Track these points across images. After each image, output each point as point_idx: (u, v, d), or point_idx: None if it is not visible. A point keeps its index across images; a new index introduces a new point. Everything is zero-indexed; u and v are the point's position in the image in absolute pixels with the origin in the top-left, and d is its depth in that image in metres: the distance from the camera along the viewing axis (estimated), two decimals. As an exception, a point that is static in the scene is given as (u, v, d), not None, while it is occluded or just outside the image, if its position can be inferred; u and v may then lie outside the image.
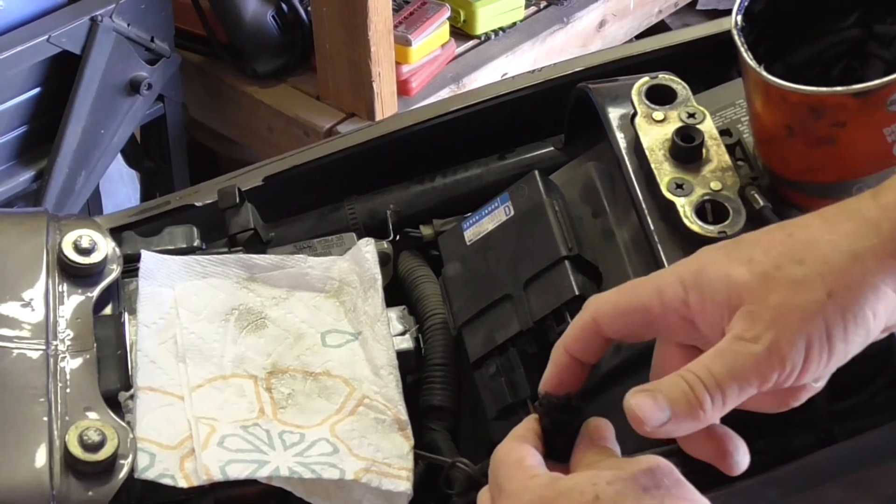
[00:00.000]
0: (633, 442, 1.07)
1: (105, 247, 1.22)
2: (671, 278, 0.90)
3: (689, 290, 0.88)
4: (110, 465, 1.07)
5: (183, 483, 1.09)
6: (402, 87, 2.41)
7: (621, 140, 1.21)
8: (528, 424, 0.95)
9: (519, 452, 0.92)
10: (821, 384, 0.89)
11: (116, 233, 1.30)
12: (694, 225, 1.11)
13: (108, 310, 1.23)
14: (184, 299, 1.24)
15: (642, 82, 1.22)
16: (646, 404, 0.85)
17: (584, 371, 0.95)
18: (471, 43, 2.55)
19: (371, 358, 1.22)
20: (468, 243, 1.27)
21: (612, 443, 0.93)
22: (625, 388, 1.08)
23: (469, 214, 1.30)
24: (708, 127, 1.18)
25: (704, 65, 1.40)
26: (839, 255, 0.85)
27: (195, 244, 1.32)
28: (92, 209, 2.34)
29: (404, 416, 1.18)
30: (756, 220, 1.11)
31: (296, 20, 2.41)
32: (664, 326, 0.90)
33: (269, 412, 1.17)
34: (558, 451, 0.93)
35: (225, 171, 1.46)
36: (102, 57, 2.14)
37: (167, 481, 1.08)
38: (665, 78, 1.23)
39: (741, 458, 0.90)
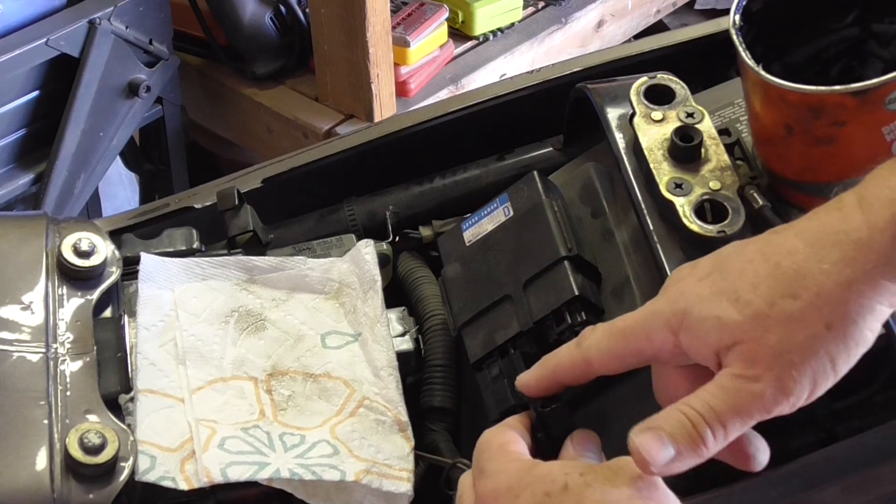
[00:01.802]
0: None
1: (104, 249, 1.22)
2: (657, 322, 0.90)
3: (679, 332, 0.88)
4: (111, 467, 1.07)
5: (184, 485, 1.09)
6: (401, 89, 2.41)
7: (620, 140, 1.21)
8: (520, 417, 0.96)
9: (503, 437, 0.93)
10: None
11: (116, 235, 1.29)
12: (693, 224, 1.11)
13: (107, 312, 1.23)
14: (183, 301, 1.24)
15: (641, 82, 1.22)
16: (651, 444, 0.84)
17: (562, 388, 0.97)
18: (469, 44, 2.55)
19: (371, 359, 1.22)
20: (468, 244, 1.27)
21: (595, 454, 0.93)
22: (619, 392, 1.09)
23: (468, 215, 1.30)
24: (707, 126, 1.18)
25: (703, 64, 1.40)
26: (832, 285, 0.84)
27: (194, 246, 1.32)
28: (91, 212, 2.34)
29: (405, 417, 1.18)
30: (755, 220, 1.11)
31: (294, 22, 2.41)
32: (659, 360, 0.92)
33: (269, 414, 1.17)
34: (544, 450, 0.94)
35: (224, 173, 1.46)
36: (101, 60, 2.13)
37: (168, 484, 1.08)
38: (663, 78, 1.23)
39: (762, 456, 0.90)
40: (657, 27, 2.90)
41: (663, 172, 1.15)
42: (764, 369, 0.84)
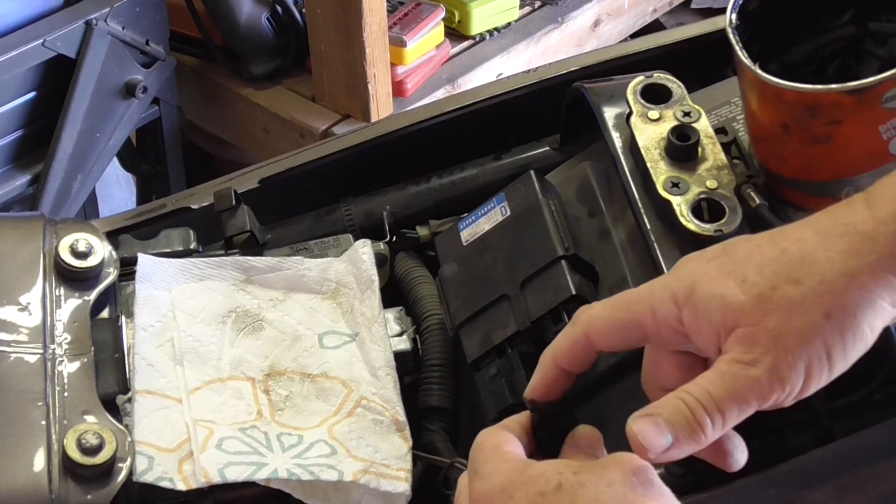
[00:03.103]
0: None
1: (102, 250, 1.22)
2: (663, 295, 0.89)
3: (683, 307, 0.88)
4: (109, 468, 1.07)
5: (181, 486, 1.09)
6: (398, 88, 2.41)
7: (617, 139, 1.21)
8: (518, 417, 0.95)
9: (498, 438, 0.92)
10: None
11: (113, 236, 1.29)
12: (690, 224, 1.11)
13: (105, 313, 1.23)
14: (181, 302, 1.24)
15: (637, 81, 1.22)
16: (649, 431, 0.84)
17: (571, 379, 0.96)
18: (466, 43, 2.55)
19: (369, 359, 1.22)
20: (465, 244, 1.27)
21: (599, 451, 0.93)
22: (622, 387, 1.09)
23: (465, 215, 1.30)
24: (703, 125, 1.18)
25: (699, 63, 1.40)
26: (835, 274, 0.84)
27: (192, 247, 1.32)
28: (88, 213, 2.34)
29: (402, 416, 1.18)
30: (752, 219, 1.11)
31: (291, 22, 2.41)
32: (658, 339, 0.91)
33: (266, 414, 1.17)
34: (546, 448, 0.94)
35: (221, 174, 1.46)
36: (98, 60, 2.14)
37: (166, 484, 1.08)
38: (660, 77, 1.23)
39: (739, 455, 0.90)
40: (653, 26, 2.91)
41: (660, 171, 1.15)
42: (761, 353, 0.84)
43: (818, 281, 0.84)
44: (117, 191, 2.59)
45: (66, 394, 1.12)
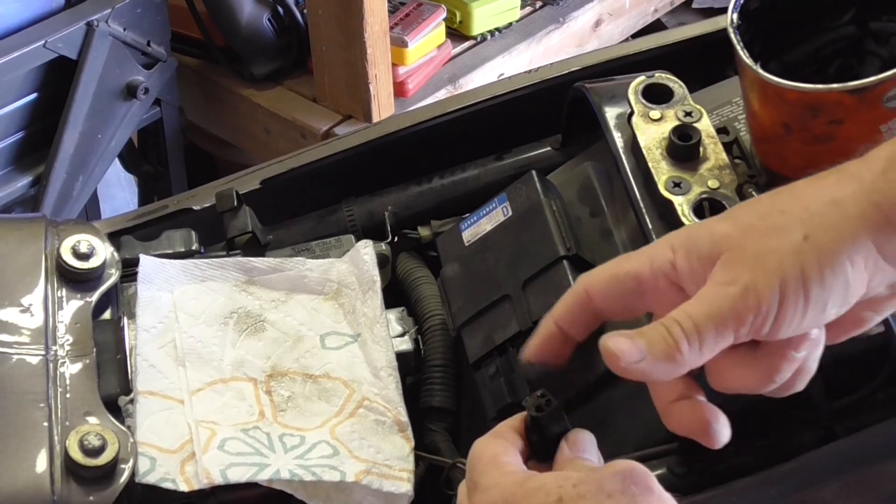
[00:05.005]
0: (632, 442, 1.07)
1: (103, 251, 1.22)
2: (662, 245, 0.90)
3: (677, 250, 0.88)
4: (111, 469, 1.07)
5: (184, 487, 1.09)
6: (399, 89, 2.41)
7: (618, 139, 1.21)
8: (512, 422, 0.95)
9: (494, 448, 0.92)
10: (803, 354, 0.88)
11: (115, 237, 1.29)
12: (692, 223, 1.11)
13: (107, 314, 1.23)
14: (182, 303, 1.24)
15: (639, 81, 1.22)
16: (622, 343, 0.85)
17: (568, 346, 0.95)
18: (467, 44, 2.55)
19: (370, 360, 1.22)
20: (466, 244, 1.27)
21: (592, 454, 0.93)
22: (622, 390, 1.08)
23: (467, 215, 1.30)
24: (705, 125, 1.18)
25: (701, 63, 1.40)
26: (819, 202, 0.85)
27: (193, 248, 1.32)
28: (90, 214, 2.34)
29: (404, 417, 1.18)
30: (754, 218, 1.11)
31: (292, 23, 2.41)
32: (654, 296, 0.90)
33: (269, 415, 1.17)
34: (539, 452, 0.93)
35: (222, 175, 1.46)
36: (99, 62, 2.14)
37: (168, 485, 1.09)
38: (661, 77, 1.23)
39: (722, 429, 0.89)
40: (655, 26, 2.91)
41: (662, 171, 1.15)
42: (740, 272, 0.84)
43: (802, 208, 0.85)
44: (119, 192, 2.59)
45: (67, 395, 1.12)
